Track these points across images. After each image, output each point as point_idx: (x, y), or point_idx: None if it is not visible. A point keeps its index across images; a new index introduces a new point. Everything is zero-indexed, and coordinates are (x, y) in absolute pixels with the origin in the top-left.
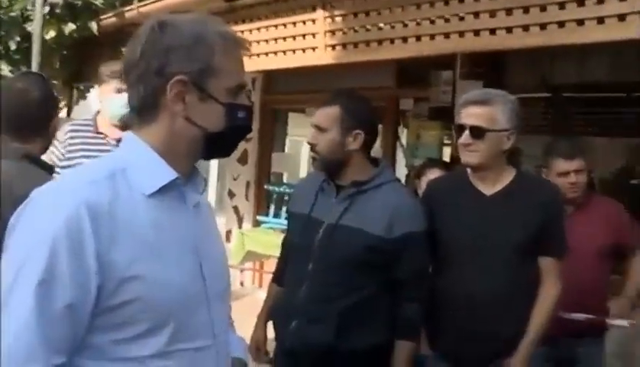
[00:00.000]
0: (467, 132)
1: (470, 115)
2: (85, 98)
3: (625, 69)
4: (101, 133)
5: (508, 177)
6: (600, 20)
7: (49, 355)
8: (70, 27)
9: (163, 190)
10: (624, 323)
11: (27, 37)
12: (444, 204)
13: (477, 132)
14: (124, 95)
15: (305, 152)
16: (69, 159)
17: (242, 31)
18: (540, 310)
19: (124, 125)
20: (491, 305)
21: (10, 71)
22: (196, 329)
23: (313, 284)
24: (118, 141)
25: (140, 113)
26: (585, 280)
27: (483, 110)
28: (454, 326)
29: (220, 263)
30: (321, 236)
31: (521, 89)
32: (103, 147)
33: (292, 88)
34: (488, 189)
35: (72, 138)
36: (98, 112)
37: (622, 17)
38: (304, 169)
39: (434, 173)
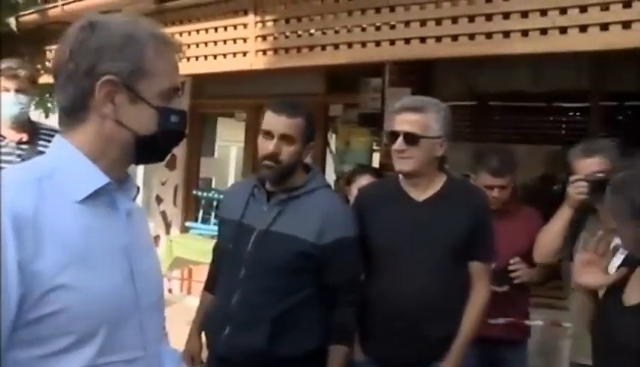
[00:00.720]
0: (400, 139)
1: (404, 122)
2: None
3: (547, 79)
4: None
5: (439, 183)
6: (524, 33)
7: None
8: None
9: (93, 196)
10: (538, 322)
11: None
12: (375, 210)
13: (411, 139)
14: (10, 94)
15: (234, 157)
16: None
17: (172, 34)
18: (470, 314)
19: (19, 125)
20: (422, 309)
21: None
22: (127, 340)
23: (245, 290)
24: (20, 143)
25: (70, 115)
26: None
27: (417, 117)
28: (386, 331)
29: (153, 272)
30: (252, 242)
31: (448, 97)
32: (2, 150)
33: (221, 93)
34: (419, 195)
35: None
36: None
37: (544, 31)
38: (232, 174)
39: (364, 180)
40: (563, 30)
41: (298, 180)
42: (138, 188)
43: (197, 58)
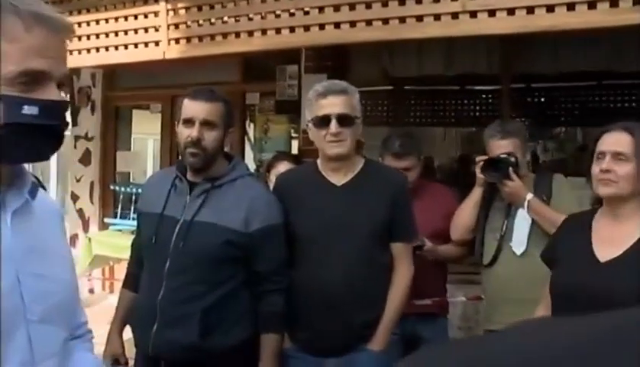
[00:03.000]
0: (334, 121)
1: (334, 105)
2: None
3: (460, 63)
4: None
5: (357, 166)
6: (437, 17)
7: None
8: None
9: None
10: (462, 298)
11: None
12: (294, 197)
13: (346, 120)
14: None
15: (151, 150)
16: None
17: (79, 23)
18: (395, 295)
19: None
20: (345, 295)
21: None
22: (11, 354)
23: (171, 284)
24: None
25: None
26: (422, 265)
27: (345, 98)
28: (311, 318)
29: (50, 279)
30: (176, 234)
31: (364, 82)
32: None
33: (135, 84)
34: (339, 179)
35: None
36: None
37: (455, 15)
38: (150, 167)
39: (283, 166)
40: (473, 14)
41: (221, 169)
42: (37, 185)
43: (107, 48)
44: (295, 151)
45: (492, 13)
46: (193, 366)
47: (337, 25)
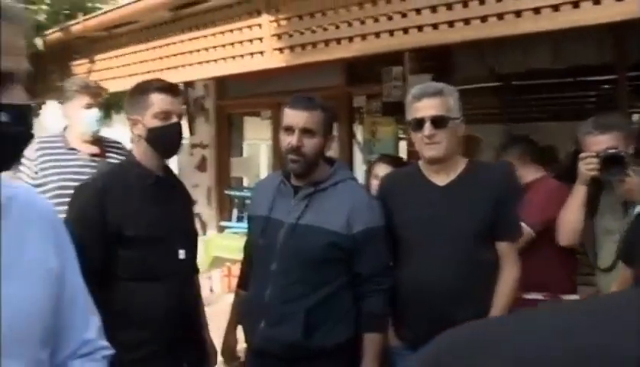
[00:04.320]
0: (428, 124)
1: (428, 107)
2: (37, 115)
3: (569, 54)
4: (74, 149)
5: (460, 166)
6: (536, 10)
7: None
8: None
9: None
10: (576, 297)
11: None
12: (397, 199)
13: (440, 122)
14: (94, 110)
15: (263, 155)
16: (43, 176)
17: (190, 40)
18: (501, 294)
19: (96, 139)
20: (449, 294)
21: None
22: None
23: (277, 284)
24: (93, 155)
25: None
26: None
27: (440, 100)
28: (416, 317)
29: (7, 301)
30: (282, 237)
31: (470, 80)
32: (76, 163)
33: (245, 92)
34: (441, 180)
35: (42, 155)
36: (66, 128)
37: (555, 8)
38: (263, 172)
39: (381, 170)
40: (575, 4)
41: (323, 173)
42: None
43: (216, 61)
44: (403, 152)
45: (596, 1)
46: (298, 363)
47: (435, 26)
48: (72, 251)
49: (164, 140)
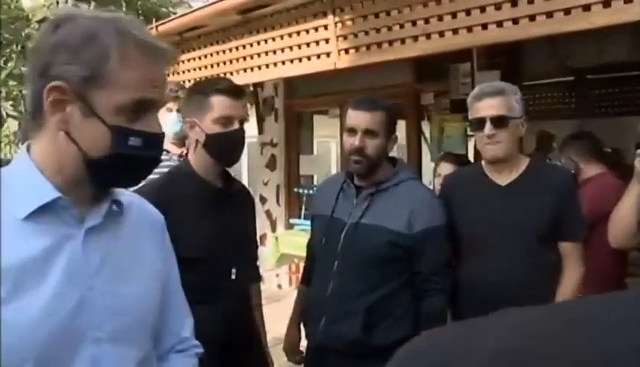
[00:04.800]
0: (489, 124)
1: (488, 107)
2: None
3: None
4: (165, 150)
5: (522, 166)
6: (606, 3)
7: None
8: None
9: (41, 213)
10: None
11: None
12: (460, 197)
13: (500, 122)
14: (174, 114)
15: (333, 153)
16: None
17: (258, 42)
18: (562, 295)
19: (180, 140)
20: (510, 293)
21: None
22: None
23: (338, 282)
24: (180, 156)
25: (32, 120)
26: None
27: (501, 100)
28: (475, 316)
29: (125, 297)
30: (344, 235)
31: (540, 74)
32: (168, 164)
33: (314, 91)
34: (503, 179)
35: None
36: None
37: (627, 0)
38: (334, 169)
39: (445, 168)
40: None
41: (385, 174)
42: (116, 203)
43: (284, 63)
44: (471, 149)
45: None
46: (357, 359)
47: (499, 24)
48: (174, 257)
49: (224, 148)
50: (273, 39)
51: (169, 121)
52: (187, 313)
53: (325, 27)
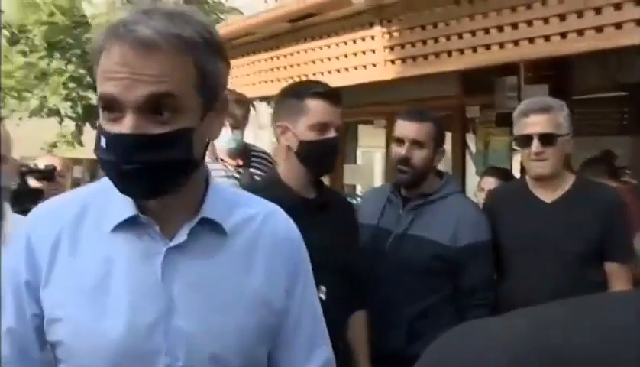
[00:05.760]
0: (536, 141)
1: (536, 124)
2: None
3: None
4: (222, 160)
5: (568, 182)
6: None
7: None
8: None
9: (130, 227)
10: None
11: None
12: (503, 213)
13: (548, 139)
14: (228, 131)
15: (376, 163)
16: None
17: (305, 50)
18: None
19: (241, 149)
20: None
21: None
22: None
23: (383, 292)
24: (238, 166)
25: None
26: None
27: (548, 117)
28: None
29: (210, 326)
30: (389, 246)
31: (590, 89)
32: (225, 173)
33: (359, 101)
34: (548, 196)
35: None
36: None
37: None
38: (377, 180)
39: (489, 183)
40: None
41: (432, 186)
42: (208, 222)
43: (331, 72)
44: (517, 163)
45: None
46: None
47: (547, 38)
48: (305, 280)
49: (319, 157)
50: (321, 48)
51: (221, 138)
52: (319, 344)
53: (372, 37)
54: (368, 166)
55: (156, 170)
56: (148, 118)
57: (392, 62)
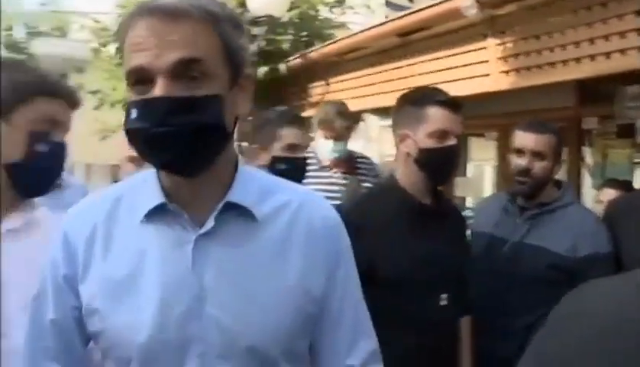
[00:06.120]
0: None
1: None
2: None
3: None
4: (325, 167)
5: None
6: None
7: (39, 361)
8: (263, 69)
9: (160, 216)
10: None
11: None
12: (624, 226)
13: None
14: (330, 142)
15: (487, 176)
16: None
17: (416, 63)
18: None
19: (338, 165)
20: None
21: None
22: None
23: (499, 300)
24: (344, 173)
25: None
26: None
27: None
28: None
29: (243, 314)
30: (505, 254)
31: None
32: (327, 180)
33: (470, 113)
34: None
35: None
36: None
37: None
38: (488, 193)
39: (607, 195)
40: None
41: (550, 195)
42: (236, 207)
43: (442, 83)
44: (637, 176)
45: None
46: None
47: None
48: (347, 269)
49: (438, 164)
50: (431, 61)
51: (325, 148)
52: (363, 336)
53: (485, 48)
54: (478, 178)
55: (188, 134)
56: (178, 83)
57: (506, 73)
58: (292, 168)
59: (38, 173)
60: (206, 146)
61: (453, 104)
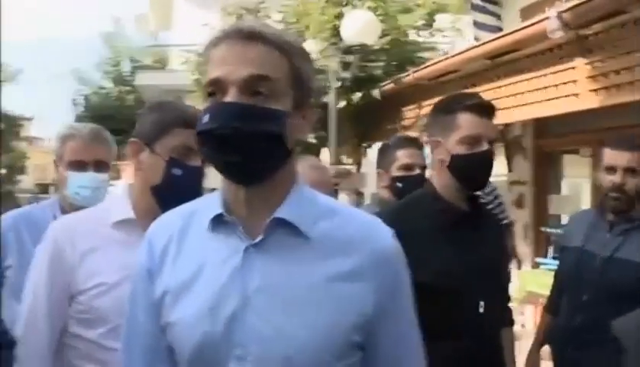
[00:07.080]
0: None
1: None
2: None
3: None
4: None
5: None
6: None
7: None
8: (357, 96)
9: (223, 227)
10: None
11: (323, 107)
12: None
13: None
14: None
15: (584, 193)
16: None
17: (507, 85)
18: None
19: None
20: None
21: (312, 137)
22: None
23: (587, 313)
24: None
25: None
26: None
27: None
28: None
29: (283, 325)
30: (595, 269)
31: None
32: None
33: (564, 130)
34: None
35: None
36: None
37: None
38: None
39: None
40: None
41: (639, 210)
42: (283, 223)
43: (532, 104)
44: None
45: None
46: None
47: None
48: (403, 303)
49: (470, 170)
50: (522, 82)
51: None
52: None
53: (573, 68)
54: (574, 196)
55: (252, 139)
56: (247, 96)
57: (595, 91)
58: (409, 185)
59: (176, 193)
60: (266, 155)
61: (483, 108)
